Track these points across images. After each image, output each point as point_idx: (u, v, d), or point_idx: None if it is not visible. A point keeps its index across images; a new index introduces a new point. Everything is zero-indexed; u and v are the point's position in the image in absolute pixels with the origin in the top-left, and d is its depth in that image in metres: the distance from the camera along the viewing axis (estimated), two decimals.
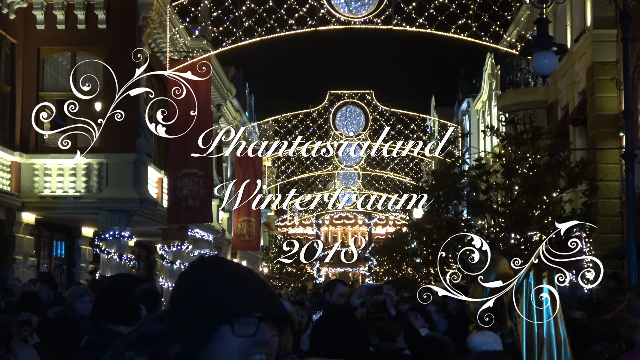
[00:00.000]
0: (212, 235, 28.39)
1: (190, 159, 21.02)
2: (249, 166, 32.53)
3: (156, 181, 21.72)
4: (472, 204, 17.06)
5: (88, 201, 19.17)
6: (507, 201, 16.44)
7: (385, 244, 52.60)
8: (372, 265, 71.42)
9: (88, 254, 22.17)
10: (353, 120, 50.23)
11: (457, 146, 37.79)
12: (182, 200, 21.11)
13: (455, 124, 47.26)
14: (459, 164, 18.27)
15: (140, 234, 23.28)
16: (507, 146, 17.00)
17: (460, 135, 35.24)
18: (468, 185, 17.51)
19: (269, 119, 47.85)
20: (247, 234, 33.02)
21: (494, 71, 37.77)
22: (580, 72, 22.52)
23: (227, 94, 34.07)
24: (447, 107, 55.06)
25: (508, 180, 16.38)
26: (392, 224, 75.38)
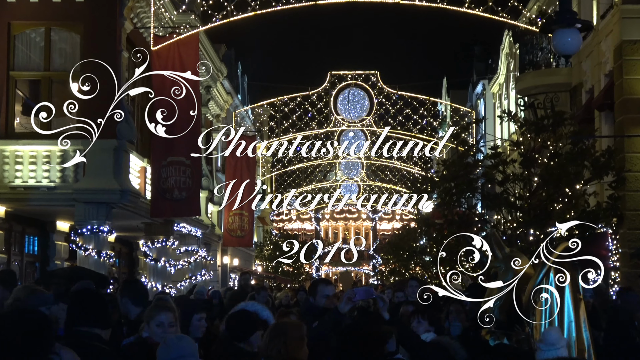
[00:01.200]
0: (200, 230, 28.40)
1: (176, 146, 20.99)
2: (242, 157, 32.50)
3: (138, 170, 21.70)
4: (487, 197, 17.04)
5: (63, 192, 19.15)
6: (526, 194, 16.43)
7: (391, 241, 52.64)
8: (377, 264, 71.48)
9: (63, 250, 22.16)
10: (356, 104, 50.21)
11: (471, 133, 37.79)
12: (167, 192, 21.09)
13: (469, 108, 47.23)
14: (472, 152, 18.25)
15: (121, 229, 23.26)
16: (526, 133, 16.97)
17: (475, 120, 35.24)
18: (483, 176, 17.47)
19: (263, 102, 47.83)
20: (239, 228, 33.03)
21: (511, 50, 37.71)
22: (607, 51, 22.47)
23: (218, 75, 34.03)
24: (460, 90, 54.96)
25: (527, 171, 16.36)
26: (398, 218, 75.44)
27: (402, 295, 12.51)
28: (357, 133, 53.33)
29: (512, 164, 16.90)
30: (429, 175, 19.78)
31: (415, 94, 46.16)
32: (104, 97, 9.04)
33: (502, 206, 16.45)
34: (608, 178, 16.89)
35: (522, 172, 16.48)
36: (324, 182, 63.83)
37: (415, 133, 46.53)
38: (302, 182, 57.58)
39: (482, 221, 17.54)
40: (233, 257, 41.37)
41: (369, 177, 61.47)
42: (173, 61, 21.03)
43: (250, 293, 14.69)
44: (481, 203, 18.88)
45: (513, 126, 27.62)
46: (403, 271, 43.75)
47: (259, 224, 58.02)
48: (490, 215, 18.93)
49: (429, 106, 45.82)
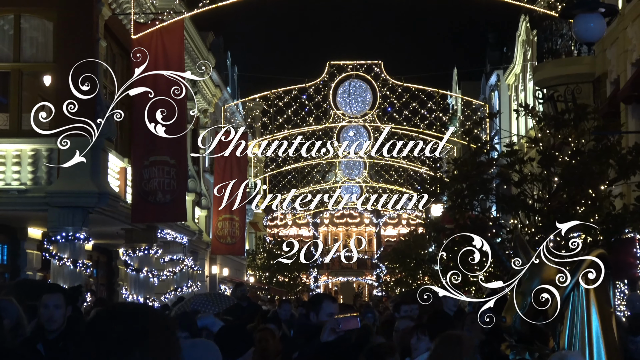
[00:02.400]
0: (186, 237, 28.40)
1: (159, 144, 20.99)
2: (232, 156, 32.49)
3: (118, 171, 21.70)
4: (503, 199, 17.05)
5: (35, 195, 19.15)
6: (545, 195, 16.43)
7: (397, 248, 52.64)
8: (381, 274, 71.49)
9: (35, 259, 22.15)
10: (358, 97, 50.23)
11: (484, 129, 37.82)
12: (149, 195, 21.09)
13: (481, 101, 47.26)
14: (486, 150, 18.24)
15: (99, 236, 23.25)
16: (545, 129, 16.98)
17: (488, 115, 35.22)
18: (497, 176, 17.48)
19: (255, 96, 47.81)
20: (229, 235, 33.03)
21: (529, 38, 37.75)
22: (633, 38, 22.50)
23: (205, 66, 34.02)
24: (472, 82, 55.01)
25: (546, 170, 16.36)
26: (405, 223, 75.45)
27: (409, 310, 12.49)
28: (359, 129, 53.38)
29: (530, 162, 16.90)
30: (438, 176, 19.76)
31: (422, 86, 46.19)
32: None
33: (519, 209, 16.45)
34: (636, 178, 16.89)
35: (541, 172, 16.48)
36: (323, 183, 63.84)
37: (423, 129, 46.56)
38: (298, 183, 57.62)
39: (497, 226, 17.54)
40: (223, 267, 41.38)
41: (372, 177, 61.51)
42: (156, 51, 21.03)
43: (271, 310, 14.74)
44: (496, 206, 18.89)
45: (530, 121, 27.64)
46: (410, 281, 43.74)
47: (251, 229, 58.03)
48: (505, 220, 18.93)
49: (438, 99, 45.85)
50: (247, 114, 53.49)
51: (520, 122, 37.44)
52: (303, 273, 64.75)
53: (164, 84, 12.28)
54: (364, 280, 78.67)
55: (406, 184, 55.61)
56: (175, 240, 27.31)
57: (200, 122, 34.81)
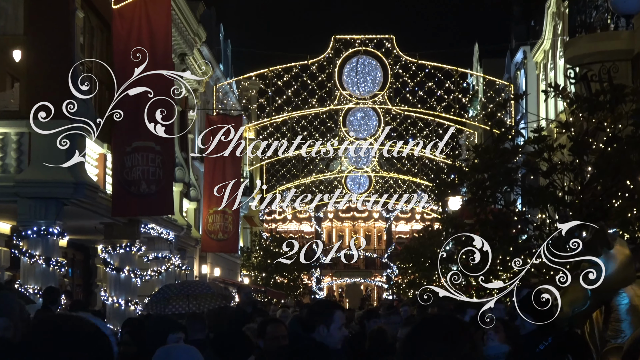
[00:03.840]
0: (173, 233, 28.42)
1: (143, 128, 20.95)
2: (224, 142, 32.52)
3: (97, 158, 21.70)
4: (529, 191, 17.04)
5: (3, 185, 19.14)
6: (577, 187, 16.42)
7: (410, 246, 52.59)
8: (392, 275, 71.54)
9: (3, 257, 22.18)
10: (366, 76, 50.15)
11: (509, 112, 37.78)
12: (132, 185, 21.09)
13: (506, 81, 47.20)
14: (511, 136, 18.24)
15: (75, 231, 23.27)
16: (577, 112, 16.96)
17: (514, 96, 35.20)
18: (523, 165, 17.48)
19: (251, 74, 47.78)
20: (220, 230, 33.05)
21: (559, 10, 37.68)
22: None
23: (194, 40, 33.99)
24: (495, 59, 54.93)
25: (578, 159, 16.35)
26: (419, 218, 75.47)
27: (400, 319, 12.49)
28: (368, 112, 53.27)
29: (560, 150, 16.88)
30: (457, 164, 19.75)
31: (439, 64, 46.13)
32: (57, 67, 9.02)
33: (548, 202, 16.45)
34: None
35: (573, 161, 16.47)
36: (327, 173, 63.81)
37: (440, 112, 46.53)
38: (299, 173, 57.61)
39: (522, 221, 17.54)
40: (214, 266, 41.40)
41: (382, 166, 61.51)
42: (139, 23, 21.02)
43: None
44: (521, 199, 18.87)
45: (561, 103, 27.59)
46: (424, 283, 43.71)
47: (246, 224, 58.06)
48: (532, 214, 18.91)
49: (457, 79, 45.80)
50: (241, 94, 53.44)
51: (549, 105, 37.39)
52: (304, 274, 64.78)
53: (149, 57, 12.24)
54: (373, 282, 78.73)
55: (420, 174, 55.58)
56: (160, 236, 27.32)
57: (189, 103, 34.79)
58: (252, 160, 54.91)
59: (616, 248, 7.31)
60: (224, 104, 46.50)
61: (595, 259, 7.03)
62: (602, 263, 7.02)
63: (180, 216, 30.47)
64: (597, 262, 7.02)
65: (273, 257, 56.18)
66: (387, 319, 12.45)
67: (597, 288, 6.98)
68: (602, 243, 7.28)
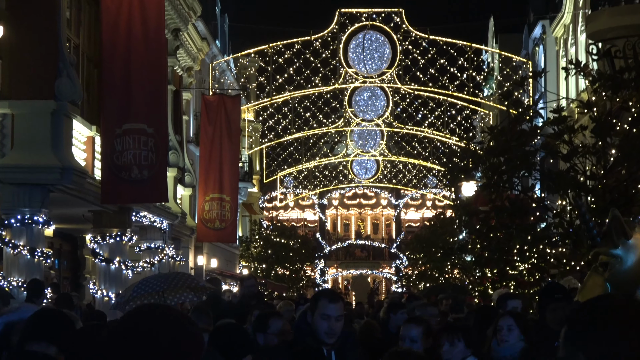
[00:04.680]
0: (166, 221, 28.44)
1: (134, 109, 20.96)
2: (221, 118, 32.50)
3: (85, 141, 21.70)
4: (548, 176, 17.02)
5: None
6: (600, 171, 16.41)
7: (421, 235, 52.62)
8: (402, 266, 71.61)
9: None
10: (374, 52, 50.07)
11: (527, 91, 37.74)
12: (122, 170, 21.08)
13: (523, 57, 47.14)
14: (528, 116, 18.23)
15: (62, 219, 23.27)
16: (600, 90, 16.93)
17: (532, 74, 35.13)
18: (542, 148, 17.46)
19: (250, 51, 47.76)
20: (218, 218, 33.05)
21: None
22: None
23: (189, 14, 33.96)
24: (512, 34, 54.87)
25: (601, 141, 16.33)
26: (430, 205, 75.47)
27: (437, 311, 12.44)
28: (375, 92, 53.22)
29: (582, 131, 16.86)
30: (471, 148, 19.75)
31: (452, 39, 46.07)
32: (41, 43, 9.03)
33: (569, 188, 16.44)
34: None
35: (595, 143, 16.45)
36: (331, 156, 63.85)
37: (453, 91, 46.50)
38: (301, 156, 57.64)
39: (541, 208, 17.54)
40: (210, 257, 41.45)
41: (390, 150, 61.50)
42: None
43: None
44: (540, 184, 18.86)
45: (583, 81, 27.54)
46: (436, 275, 43.78)
47: (245, 212, 58.09)
48: (552, 201, 18.91)
49: (471, 55, 45.75)
50: (239, 72, 53.43)
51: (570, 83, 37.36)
52: (307, 265, 64.84)
53: (140, 33, 12.33)
54: (381, 274, 78.80)
55: (432, 157, 55.59)
56: (153, 225, 27.33)
57: (183, 82, 34.79)
58: (251, 143, 54.93)
59: (636, 237, 7.27)
60: (221, 83, 46.48)
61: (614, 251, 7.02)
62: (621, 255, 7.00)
63: (175, 203, 30.49)
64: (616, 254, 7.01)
65: (274, 247, 56.24)
66: (423, 311, 12.44)
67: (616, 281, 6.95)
68: (618, 233, 7.24)
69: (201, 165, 33.63)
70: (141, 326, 3.21)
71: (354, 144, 59.94)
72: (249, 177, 53.35)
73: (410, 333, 8.23)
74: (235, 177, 34.26)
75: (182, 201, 33.56)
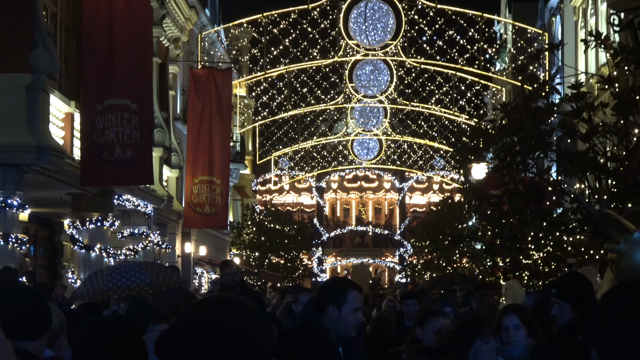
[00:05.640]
0: (151, 205, 28.44)
1: (117, 83, 20.95)
2: (211, 93, 32.48)
3: (63, 118, 21.69)
4: (566, 157, 17.04)
5: None
6: (621, 152, 16.42)
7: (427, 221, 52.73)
8: (406, 254, 71.71)
9: None
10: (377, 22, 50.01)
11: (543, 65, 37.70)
12: (104, 149, 21.08)
13: (539, 29, 47.08)
14: (544, 92, 18.22)
15: (38, 203, 23.27)
16: (622, 65, 16.93)
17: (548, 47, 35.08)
18: (559, 126, 17.47)
19: (242, 21, 47.70)
20: (207, 202, 33.08)
21: None
22: None
23: None
24: (527, 3, 54.78)
25: (623, 119, 16.34)
26: (437, 188, 75.50)
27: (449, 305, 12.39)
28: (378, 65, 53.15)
29: (602, 109, 16.87)
30: (482, 126, 19.74)
31: (462, 8, 46.00)
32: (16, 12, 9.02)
33: (588, 170, 16.45)
34: None
35: (617, 122, 16.46)
36: (330, 135, 63.81)
37: (462, 65, 46.45)
38: (298, 136, 57.61)
39: (558, 192, 17.55)
40: (199, 244, 41.47)
41: (394, 128, 61.49)
42: None
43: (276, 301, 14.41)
44: (557, 166, 18.88)
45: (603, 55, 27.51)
46: (443, 264, 43.88)
47: (236, 196, 58.11)
48: (569, 184, 18.91)
49: (482, 26, 45.69)
50: (231, 44, 53.39)
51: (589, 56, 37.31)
52: (304, 253, 64.89)
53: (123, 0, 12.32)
54: (384, 263, 78.87)
55: (439, 137, 55.59)
56: (137, 210, 27.34)
57: (170, 55, 34.74)
58: (243, 121, 54.89)
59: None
60: (211, 55, 46.43)
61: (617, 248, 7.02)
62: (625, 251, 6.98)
63: (160, 186, 30.48)
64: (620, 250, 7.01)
65: (267, 233, 56.26)
66: (479, 301, 12.51)
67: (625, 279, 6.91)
68: (616, 231, 7.22)
69: (189, 145, 33.63)
70: (226, 321, 3.36)
71: (355, 122, 59.89)
72: (241, 157, 53.36)
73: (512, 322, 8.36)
74: (226, 157, 34.26)
75: (168, 184, 33.57)
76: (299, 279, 59.79)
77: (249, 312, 3.39)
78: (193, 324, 3.37)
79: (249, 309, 3.41)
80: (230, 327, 3.32)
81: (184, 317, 3.44)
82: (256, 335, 3.35)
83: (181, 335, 3.37)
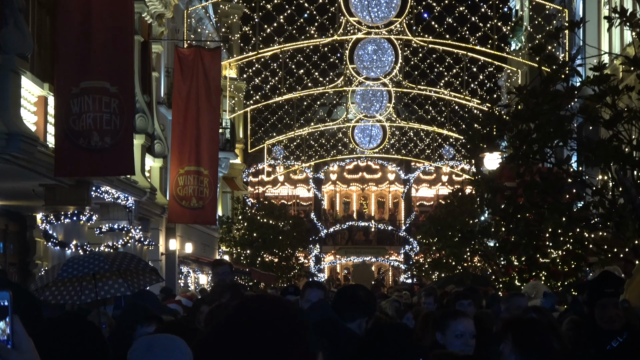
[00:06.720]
0: (132, 198, 28.44)
1: (94, 63, 20.93)
2: (198, 75, 32.48)
3: (35, 102, 21.69)
4: (587, 146, 17.05)
5: None
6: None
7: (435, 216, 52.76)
8: (412, 252, 71.78)
9: None
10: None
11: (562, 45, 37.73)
12: (80, 136, 21.08)
13: (558, 5, 47.09)
14: (564, 75, 18.23)
15: (8, 195, 23.30)
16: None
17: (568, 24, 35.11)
18: (580, 112, 17.48)
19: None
20: (194, 195, 33.08)
21: None
22: None
23: None
24: None
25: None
26: (446, 180, 75.56)
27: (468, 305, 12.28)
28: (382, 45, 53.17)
29: (627, 93, 16.88)
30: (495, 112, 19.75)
31: None
32: None
33: (611, 160, 16.46)
34: None
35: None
36: (329, 122, 63.85)
37: (474, 45, 46.46)
38: (293, 122, 57.65)
39: (578, 184, 17.56)
40: (185, 241, 41.49)
41: (399, 114, 61.55)
42: None
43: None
44: (577, 155, 18.89)
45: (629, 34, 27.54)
46: (453, 263, 43.91)
47: (226, 188, 58.15)
48: (591, 175, 18.92)
49: (497, 2, 45.72)
50: (220, 21, 53.38)
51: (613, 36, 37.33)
52: (300, 251, 64.94)
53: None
54: (387, 262, 78.95)
55: (448, 124, 55.62)
56: (116, 203, 27.35)
57: (153, 33, 34.71)
58: (233, 105, 54.91)
59: None
60: (198, 33, 46.42)
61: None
62: None
63: (142, 177, 30.50)
64: None
65: (260, 229, 56.28)
66: (509, 302, 12.51)
67: None
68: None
69: (174, 132, 33.62)
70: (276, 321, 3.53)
71: (356, 107, 59.97)
72: (231, 146, 53.34)
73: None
74: (215, 146, 34.27)
75: (151, 174, 33.58)
76: (294, 278, 59.81)
77: (296, 312, 3.58)
78: (240, 324, 3.54)
79: (296, 308, 3.62)
80: (281, 328, 3.50)
81: (230, 316, 3.60)
82: (304, 335, 3.53)
83: (228, 336, 3.53)
